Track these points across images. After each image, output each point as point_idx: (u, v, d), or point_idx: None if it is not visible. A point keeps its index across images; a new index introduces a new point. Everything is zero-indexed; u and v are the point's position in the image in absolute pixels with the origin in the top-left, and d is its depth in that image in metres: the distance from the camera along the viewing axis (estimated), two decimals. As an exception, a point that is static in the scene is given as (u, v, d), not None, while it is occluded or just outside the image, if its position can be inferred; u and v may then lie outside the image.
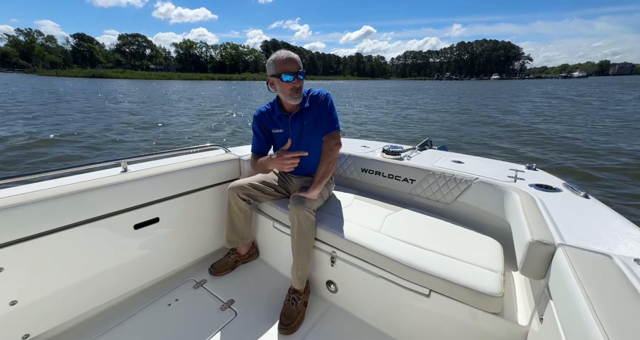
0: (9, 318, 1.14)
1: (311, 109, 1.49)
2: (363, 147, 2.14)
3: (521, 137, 8.92)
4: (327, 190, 1.60)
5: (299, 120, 1.50)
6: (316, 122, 1.49)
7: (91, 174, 1.38)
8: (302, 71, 1.37)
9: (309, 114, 1.49)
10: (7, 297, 1.13)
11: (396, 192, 1.83)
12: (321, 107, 1.47)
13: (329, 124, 1.47)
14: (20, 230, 1.09)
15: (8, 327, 1.15)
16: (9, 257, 1.09)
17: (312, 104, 1.48)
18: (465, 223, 1.48)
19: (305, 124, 1.49)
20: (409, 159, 1.84)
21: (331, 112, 1.48)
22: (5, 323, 1.14)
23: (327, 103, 1.48)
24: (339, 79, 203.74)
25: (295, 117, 1.50)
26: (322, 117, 1.47)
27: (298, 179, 1.65)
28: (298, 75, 1.36)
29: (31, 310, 1.19)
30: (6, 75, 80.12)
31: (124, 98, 20.53)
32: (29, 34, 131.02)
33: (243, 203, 1.59)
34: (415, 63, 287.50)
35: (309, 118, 1.49)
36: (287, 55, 1.35)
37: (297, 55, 1.38)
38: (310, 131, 1.50)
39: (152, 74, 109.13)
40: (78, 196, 1.20)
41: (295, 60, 1.35)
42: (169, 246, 1.62)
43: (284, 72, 1.34)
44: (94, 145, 6.70)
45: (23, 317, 1.18)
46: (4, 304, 1.12)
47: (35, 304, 1.20)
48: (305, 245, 1.36)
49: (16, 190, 1.18)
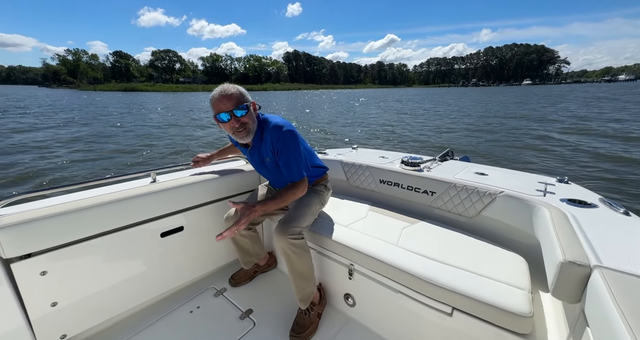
0: (50, 318, 1.22)
1: (266, 147, 1.32)
2: (381, 158, 2.07)
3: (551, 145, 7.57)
4: (319, 202, 1.51)
5: (258, 156, 1.39)
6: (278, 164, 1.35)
7: (125, 184, 1.48)
8: (243, 106, 1.21)
9: (266, 151, 1.34)
10: (49, 299, 1.21)
11: (414, 204, 1.76)
12: (277, 148, 1.29)
13: (291, 174, 1.31)
14: (62, 237, 1.18)
15: (48, 327, 1.23)
16: (53, 261, 1.18)
17: (265, 139, 1.32)
18: (488, 238, 1.40)
19: (267, 161, 1.37)
20: (429, 170, 1.76)
21: (290, 157, 1.28)
22: (46, 323, 1.21)
23: (286, 146, 1.27)
24: (359, 88, 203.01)
25: (252, 153, 1.40)
26: (282, 165, 1.31)
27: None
28: (235, 113, 1.20)
29: (69, 311, 1.27)
30: (53, 91, 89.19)
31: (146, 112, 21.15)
32: (76, 54, 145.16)
33: (244, 231, 1.58)
34: (439, 70, 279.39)
35: (268, 155, 1.34)
36: (221, 92, 1.20)
37: (236, 88, 1.22)
38: (275, 167, 1.37)
39: (178, 86, 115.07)
40: (113, 205, 1.29)
41: (230, 96, 1.19)
42: (192, 254, 1.67)
43: (219, 112, 1.20)
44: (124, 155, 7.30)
45: (61, 318, 1.26)
46: (45, 304, 1.20)
47: (73, 306, 1.27)
48: (299, 271, 1.32)
49: (59, 199, 1.28)
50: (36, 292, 1.16)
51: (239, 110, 1.20)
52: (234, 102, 1.20)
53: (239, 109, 1.20)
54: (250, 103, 1.26)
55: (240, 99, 1.21)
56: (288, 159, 1.29)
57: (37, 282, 1.16)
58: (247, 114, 1.24)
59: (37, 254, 1.14)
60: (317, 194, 1.52)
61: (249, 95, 1.26)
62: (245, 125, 1.25)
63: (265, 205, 1.22)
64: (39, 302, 1.18)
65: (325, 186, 1.59)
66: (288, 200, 1.29)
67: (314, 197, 1.49)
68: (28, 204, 1.25)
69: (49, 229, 1.13)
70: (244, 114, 1.22)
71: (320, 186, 1.57)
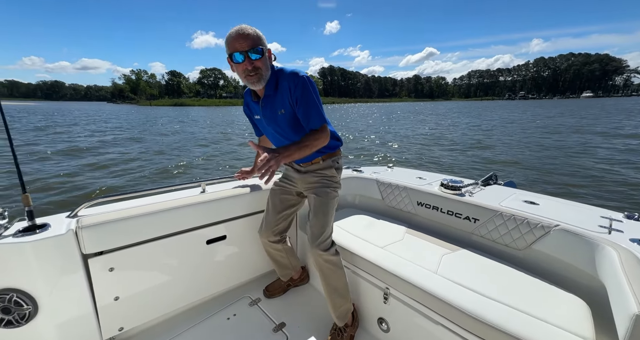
0: (112, 311, 1.34)
1: (282, 96, 1.23)
2: (419, 179, 2.01)
3: (617, 173, 6.20)
4: (335, 196, 1.41)
5: (270, 109, 1.29)
6: (294, 112, 1.25)
7: (179, 193, 1.59)
8: (259, 49, 1.13)
9: (281, 101, 1.24)
10: (113, 293, 1.34)
11: (455, 230, 1.67)
12: (296, 95, 1.20)
13: (311, 121, 1.22)
14: (128, 238, 1.31)
15: (110, 319, 1.35)
16: (119, 259, 1.31)
17: (281, 88, 1.22)
18: (540, 274, 1.27)
19: (280, 113, 1.26)
20: (471, 195, 1.66)
21: (309, 102, 1.20)
22: (109, 314, 1.34)
23: (304, 90, 1.19)
24: (394, 101, 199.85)
25: (265, 104, 1.29)
26: (299, 110, 1.22)
27: (298, 175, 1.47)
28: (250, 55, 1.12)
29: (127, 307, 1.38)
30: (116, 106, 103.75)
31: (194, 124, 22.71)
32: (138, 74, 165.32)
33: (278, 245, 1.59)
34: (482, 82, 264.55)
35: (284, 106, 1.24)
36: (238, 30, 1.12)
37: (254, 30, 1.14)
38: (288, 122, 1.28)
39: (220, 101, 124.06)
40: (170, 212, 1.40)
41: (247, 36, 1.11)
42: (232, 262, 1.73)
43: (234, 51, 1.13)
44: (182, 166, 7.77)
45: (121, 311, 1.37)
46: (110, 298, 1.33)
47: (130, 302, 1.39)
48: (334, 286, 1.32)
49: (127, 204, 1.42)
50: (104, 286, 1.30)
51: (254, 54, 1.13)
52: (250, 43, 1.12)
53: (254, 52, 1.13)
54: (267, 49, 1.19)
55: (256, 41, 1.14)
56: (308, 105, 1.20)
57: (106, 277, 1.29)
58: (262, 59, 1.16)
59: (108, 252, 1.29)
60: (330, 190, 1.40)
61: (265, 41, 1.19)
62: (258, 70, 1.17)
63: (288, 150, 1.11)
64: (105, 295, 1.32)
65: (337, 166, 1.44)
66: (313, 148, 1.20)
67: (329, 196, 1.38)
68: (103, 207, 1.38)
69: (118, 231, 1.27)
70: (258, 57, 1.15)
71: (330, 169, 1.42)
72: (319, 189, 1.39)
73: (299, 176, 1.47)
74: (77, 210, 1.31)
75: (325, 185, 1.40)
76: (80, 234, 1.19)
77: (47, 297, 1.16)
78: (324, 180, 1.41)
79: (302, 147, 1.15)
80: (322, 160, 1.41)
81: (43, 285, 1.14)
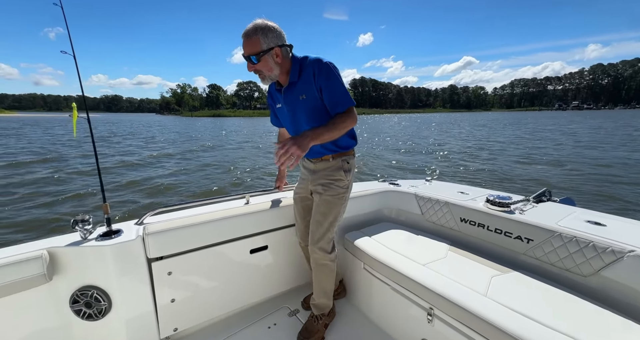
0: (169, 312, 1.45)
1: (305, 82, 1.26)
2: (461, 194, 1.93)
3: None
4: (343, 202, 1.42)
5: (292, 95, 1.31)
6: (320, 96, 1.26)
7: (226, 204, 1.68)
8: (253, 58, 1.18)
9: (304, 87, 1.27)
10: (170, 295, 1.44)
11: (504, 250, 1.55)
12: (319, 81, 1.23)
13: (337, 104, 1.23)
14: (184, 245, 1.43)
15: (167, 319, 1.45)
16: (176, 264, 1.42)
17: (305, 74, 1.26)
18: (610, 304, 1.13)
19: (301, 99, 1.29)
20: (522, 213, 1.54)
21: (335, 86, 1.22)
22: (166, 315, 1.44)
23: (328, 74, 1.22)
24: (428, 112, 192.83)
25: (287, 91, 1.32)
26: (325, 95, 1.24)
27: (310, 176, 1.47)
28: (251, 59, 1.20)
29: (181, 309, 1.48)
30: (163, 117, 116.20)
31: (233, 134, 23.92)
32: (183, 87, 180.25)
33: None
34: (526, 92, 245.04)
35: (305, 91, 1.26)
36: (245, 31, 1.17)
37: (257, 31, 1.16)
38: (307, 108, 1.30)
39: (254, 112, 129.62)
40: (218, 223, 1.50)
41: (247, 40, 1.16)
42: (272, 272, 1.79)
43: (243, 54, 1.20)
44: (228, 176, 8.32)
45: (176, 313, 1.47)
46: (167, 299, 1.43)
47: (183, 305, 1.49)
48: (322, 287, 1.45)
49: (182, 213, 1.53)
50: (163, 288, 1.41)
51: (253, 60, 1.20)
52: (249, 49, 1.18)
53: (255, 54, 1.18)
54: (270, 51, 1.19)
55: (255, 47, 1.16)
56: (334, 88, 1.22)
57: (165, 280, 1.41)
58: (261, 62, 1.20)
59: (167, 257, 1.40)
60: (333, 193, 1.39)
61: (272, 39, 1.18)
62: (260, 72, 1.23)
63: (316, 132, 1.12)
64: (164, 297, 1.42)
65: (346, 168, 1.40)
66: (341, 130, 1.21)
67: (331, 199, 1.38)
68: (164, 215, 1.52)
69: (176, 238, 1.39)
70: (257, 62, 1.20)
71: (338, 171, 1.39)
72: (323, 192, 1.39)
73: (310, 177, 1.47)
74: (143, 218, 1.45)
75: (329, 188, 1.39)
76: (147, 240, 1.33)
77: (119, 295, 1.29)
78: (329, 182, 1.39)
79: (331, 129, 1.16)
80: (331, 159, 1.39)
81: (116, 284, 1.28)
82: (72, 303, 1.24)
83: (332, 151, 1.38)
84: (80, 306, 1.25)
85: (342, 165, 1.39)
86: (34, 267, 1.12)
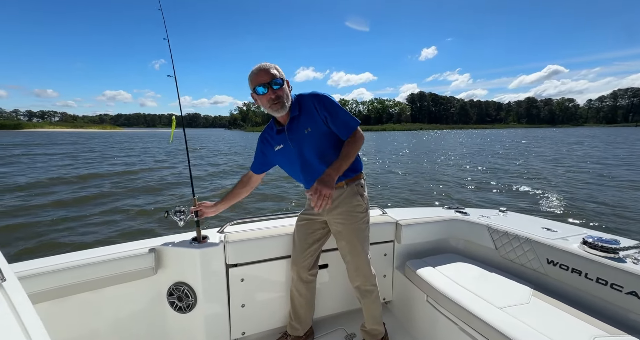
0: (239, 316, 1.55)
1: (308, 115, 1.36)
2: (546, 230, 1.63)
3: None
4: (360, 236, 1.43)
5: (296, 129, 1.38)
6: (326, 126, 1.36)
7: (287, 220, 1.75)
8: (277, 80, 1.29)
9: (307, 120, 1.36)
10: (241, 300, 1.54)
11: (612, 306, 1.26)
12: (323, 111, 1.33)
13: (344, 128, 1.34)
14: (255, 255, 1.54)
15: (238, 322, 1.55)
16: (248, 272, 1.54)
17: (305, 108, 1.36)
18: None
19: (306, 132, 1.36)
20: (637, 262, 1.22)
21: (338, 113, 1.33)
22: (237, 318, 1.55)
23: (327, 103, 1.33)
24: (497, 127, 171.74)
25: (291, 127, 1.39)
26: (332, 122, 1.34)
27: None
28: (272, 86, 1.29)
29: (250, 314, 1.58)
30: (230, 131, 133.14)
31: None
32: (248, 105, 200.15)
33: (307, 285, 1.56)
34: (634, 103, 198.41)
35: (310, 124, 1.36)
36: (259, 67, 1.31)
37: (274, 66, 1.32)
38: (313, 140, 1.37)
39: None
40: (286, 237, 1.59)
41: (267, 70, 1.29)
42: (330, 291, 1.80)
43: (257, 85, 1.30)
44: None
45: (245, 318, 1.57)
46: (239, 304, 1.54)
47: (251, 311, 1.58)
48: (372, 314, 1.50)
49: (254, 225, 1.66)
50: (236, 293, 1.52)
51: (275, 84, 1.29)
52: (271, 76, 1.28)
53: (275, 83, 1.29)
54: (285, 80, 1.35)
55: (276, 74, 1.30)
56: (337, 115, 1.33)
57: (238, 286, 1.52)
58: (282, 88, 1.31)
59: (241, 264, 1.52)
60: (358, 223, 1.42)
61: (283, 74, 1.35)
62: (280, 98, 1.31)
63: (335, 168, 1.24)
64: (236, 301, 1.53)
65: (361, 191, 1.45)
66: (354, 153, 1.33)
67: (359, 230, 1.42)
68: (241, 226, 1.66)
69: (250, 248, 1.52)
70: (279, 87, 1.30)
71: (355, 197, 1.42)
72: (346, 222, 1.41)
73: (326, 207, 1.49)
74: (224, 227, 1.59)
75: (351, 216, 1.41)
76: (227, 247, 1.46)
77: (202, 294, 1.44)
78: (349, 211, 1.41)
79: (345, 159, 1.28)
80: (345, 185, 1.41)
81: (201, 284, 1.44)
82: (169, 295, 1.47)
83: (345, 177, 1.40)
84: (174, 299, 1.47)
85: (357, 191, 1.42)
86: (147, 261, 1.38)
